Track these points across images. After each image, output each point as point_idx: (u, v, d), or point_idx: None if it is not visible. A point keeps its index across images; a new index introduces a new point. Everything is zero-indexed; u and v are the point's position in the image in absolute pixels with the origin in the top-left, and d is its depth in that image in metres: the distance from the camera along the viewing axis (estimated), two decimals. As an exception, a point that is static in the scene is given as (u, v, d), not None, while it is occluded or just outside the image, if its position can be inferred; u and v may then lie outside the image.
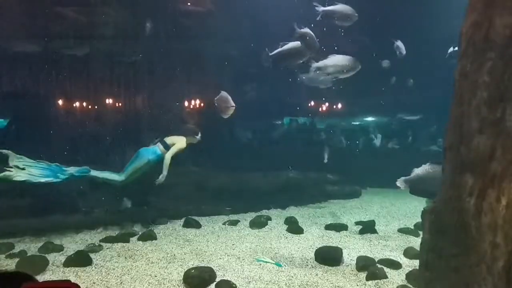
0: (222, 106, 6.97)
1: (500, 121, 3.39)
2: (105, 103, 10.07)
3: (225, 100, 6.92)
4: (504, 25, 3.31)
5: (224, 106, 6.93)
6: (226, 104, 6.91)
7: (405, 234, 6.93)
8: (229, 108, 6.93)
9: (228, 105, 6.90)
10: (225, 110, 6.97)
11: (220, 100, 7.01)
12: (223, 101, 6.96)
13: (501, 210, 3.19)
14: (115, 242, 6.35)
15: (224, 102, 6.94)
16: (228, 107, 6.91)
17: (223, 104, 6.96)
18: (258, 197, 8.78)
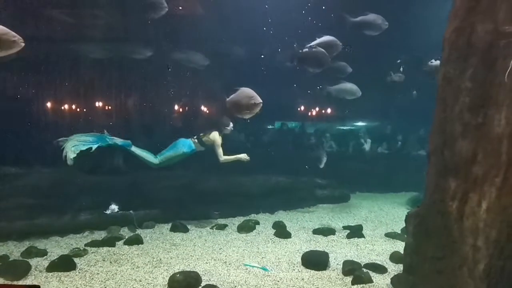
0: (246, 103, 5.77)
1: (482, 126, 3.44)
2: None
3: (249, 96, 5.76)
4: (485, 31, 3.37)
5: (250, 103, 5.74)
6: (251, 100, 5.73)
7: (392, 239, 6.96)
8: (256, 104, 5.73)
9: (254, 101, 5.73)
10: (251, 107, 5.75)
11: (242, 96, 5.84)
12: (247, 97, 5.78)
13: (482, 214, 3.23)
14: (100, 246, 6.27)
15: (248, 98, 5.77)
16: (256, 103, 5.73)
17: (247, 100, 5.77)
18: (247, 201, 8.74)
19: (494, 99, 3.31)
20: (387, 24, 7.75)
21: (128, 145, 7.56)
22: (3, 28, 4.11)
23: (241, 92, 5.87)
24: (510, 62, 3.12)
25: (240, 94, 5.88)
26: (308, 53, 7.51)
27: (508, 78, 3.16)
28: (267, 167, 9.44)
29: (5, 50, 4.15)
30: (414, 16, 9.34)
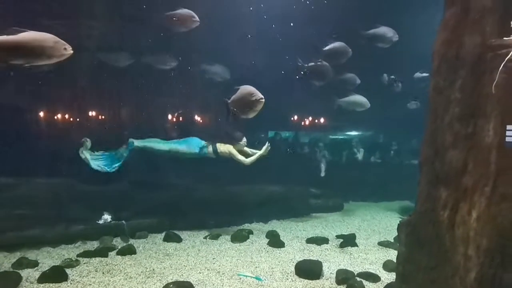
0: (248, 101, 5.43)
1: (472, 136, 3.50)
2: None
3: (250, 93, 5.45)
4: (473, 44, 3.45)
5: (252, 101, 5.40)
6: (252, 97, 5.40)
7: (385, 247, 6.99)
8: (258, 101, 5.40)
9: (256, 97, 5.39)
10: (253, 104, 5.43)
11: (243, 95, 5.54)
12: (248, 94, 5.47)
13: (472, 223, 3.27)
14: (93, 256, 6.22)
15: (249, 95, 5.46)
16: (257, 100, 5.39)
17: (248, 98, 5.44)
18: (241, 211, 8.74)
19: (482, 110, 3.37)
20: (397, 37, 8.05)
21: (131, 145, 7.62)
22: (53, 36, 4.22)
23: (241, 91, 5.59)
24: (497, 74, 3.20)
25: (240, 93, 5.60)
26: (313, 67, 7.85)
27: (495, 89, 3.23)
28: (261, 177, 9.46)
29: (55, 58, 4.25)
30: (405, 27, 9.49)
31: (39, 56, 4.16)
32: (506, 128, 3.21)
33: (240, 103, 5.60)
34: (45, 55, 4.15)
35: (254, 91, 5.41)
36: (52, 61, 4.24)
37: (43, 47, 4.10)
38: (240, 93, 5.57)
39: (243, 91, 5.53)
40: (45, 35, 4.15)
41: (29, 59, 4.17)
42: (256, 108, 5.45)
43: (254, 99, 5.40)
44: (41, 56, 4.16)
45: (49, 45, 4.12)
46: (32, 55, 4.14)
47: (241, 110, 5.65)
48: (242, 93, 5.55)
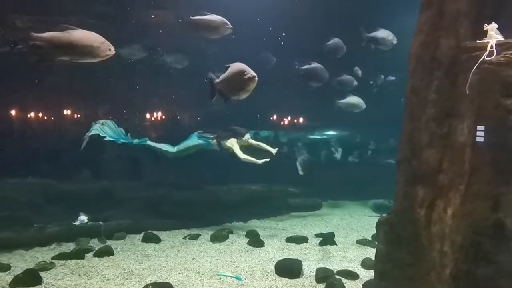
0: (239, 80, 4.81)
1: (447, 136, 3.61)
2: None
3: (242, 71, 4.83)
4: (448, 47, 3.55)
5: (243, 79, 4.76)
6: (244, 75, 4.77)
7: (363, 246, 7.10)
8: (251, 79, 4.73)
9: (248, 75, 4.74)
10: (245, 84, 4.77)
11: (235, 72, 4.91)
12: (239, 72, 4.83)
13: (448, 220, 3.37)
14: (68, 259, 6.06)
15: (240, 74, 4.83)
16: (250, 78, 4.73)
17: (240, 76, 4.81)
18: (220, 211, 8.71)
19: (457, 110, 3.48)
20: (396, 40, 8.33)
21: (144, 141, 7.86)
22: (100, 37, 4.31)
23: (231, 69, 4.99)
24: (470, 75, 3.30)
25: (231, 71, 5.00)
26: (308, 69, 8.05)
27: (469, 90, 3.34)
28: (240, 176, 9.46)
29: (99, 58, 4.34)
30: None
31: (86, 55, 4.28)
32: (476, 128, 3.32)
33: (231, 82, 5.00)
34: (92, 54, 4.27)
35: (246, 69, 4.82)
36: (96, 60, 4.34)
37: (92, 47, 4.22)
38: (230, 71, 4.97)
39: (234, 69, 4.94)
40: (94, 35, 4.27)
41: (76, 56, 4.31)
42: (249, 88, 4.83)
43: (247, 77, 4.77)
44: (88, 54, 4.27)
45: (97, 45, 4.24)
46: (80, 53, 4.26)
47: (232, 91, 5.07)
48: (232, 72, 4.95)
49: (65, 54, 4.26)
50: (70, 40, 4.15)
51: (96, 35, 4.28)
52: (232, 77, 4.96)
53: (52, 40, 4.12)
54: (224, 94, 5.10)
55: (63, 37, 4.15)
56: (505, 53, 3.24)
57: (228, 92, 5.09)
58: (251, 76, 4.76)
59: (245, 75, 4.80)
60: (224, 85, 5.08)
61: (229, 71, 5.02)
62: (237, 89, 4.95)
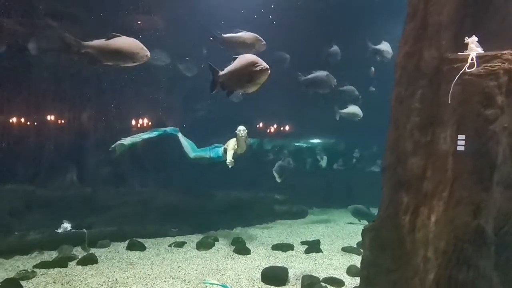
0: (250, 71, 4.44)
1: (431, 144, 3.71)
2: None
3: (253, 63, 4.47)
4: (431, 57, 3.67)
5: (254, 71, 4.43)
6: (256, 67, 4.43)
7: (348, 253, 7.16)
8: (263, 71, 4.41)
9: (261, 67, 4.42)
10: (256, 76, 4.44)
11: (245, 63, 4.55)
12: (250, 64, 4.48)
13: (431, 226, 3.45)
14: (51, 267, 5.94)
15: (250, 65, 4.47)
16: (263, 70, 4.42)
17: (250, 68, 4.45)
18: (206, 218, 8.67)
19: (440, 119, 3.59)
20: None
21: (176, 131, 7.91)
22: (139, 43, 4.67)
23: (241, 60, 4.64)
24: (452, 86, 3.41)
25: (240, 63, 4.64)
26: (314, 77, 8.28)
27: (451, 100, 3.45)
28: (225, 183, 9.46)
29: (137, 62, 4.70)
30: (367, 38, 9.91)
31: (127, 60, 4.66)
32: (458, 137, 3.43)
33: (238, 74, 4.62)
34: (132, 59, 4.65)
35: (258, 60, 4.50)
36: (134, 64, 4.71)
37: (133, 52, 4.62)
38: (239, 62, 4.61)
39: (243, 60, 4.60)
40: (135, 41, 4.66)
41: (119, 61, 4.69)
42: (259, 81, 4.51)
43: (259, 68, 4.42)
44: (129, 59, 4.65)
45: (136, 51, 4.63)
46: (123, 58, 4.64)
47: (239, 83, 4.71)
48: (241, 63, 4.59)
49: (110, 60, 4.66)
50: (115, 47, 4.57)
51: (136, 42, 4.66)
52: (241, 69, 4.59)
53: (101, 48, 4.55)
54: (227, 87, 4.79)
55: (110, 44, 4.57)
56: (485, 65, 3.37)
57: (234, 85, 4.76)
58: (263, 68, 4.45)
59: (256, 66, 4.48)
60: (229, 77, 4.72)
61: (237, 63, 4.67)
62: (246, 81, 4.60)
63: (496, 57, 3.38)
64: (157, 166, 9.55)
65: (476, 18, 3.73)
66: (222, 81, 4.76)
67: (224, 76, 4.75)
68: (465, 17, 3.70)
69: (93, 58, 4.58)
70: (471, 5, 3.71)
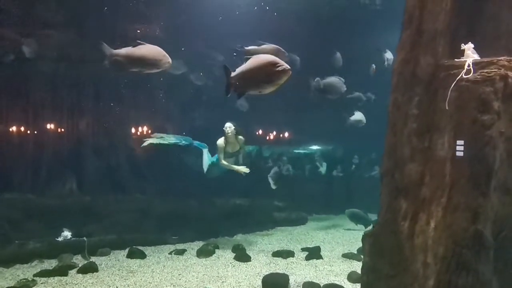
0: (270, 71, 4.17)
1: (428, 150, 3.73)
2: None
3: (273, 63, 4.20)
4: (427, 64, 3.71)
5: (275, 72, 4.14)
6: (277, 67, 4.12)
7: (349, 259, 7.16)
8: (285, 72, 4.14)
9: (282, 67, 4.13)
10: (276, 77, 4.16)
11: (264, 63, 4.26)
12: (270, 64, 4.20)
13: (430, 232, 3.47)
14: (51, 276, 5.93)
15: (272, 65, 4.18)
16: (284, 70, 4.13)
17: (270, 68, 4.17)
18: (206, 225, 8.67)
19: (437, 125, 3.62)
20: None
21: (203, 146, 7.97)
22: (162, 50, 4.88)
23: (258, 60, 4.35)
24: (449, 92, 3.45)
25: (254, 63, 4.34)
26: (327, 82, 8.43)
27: (448, 106, 3.48)
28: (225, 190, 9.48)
29: (160, 69, 4.93)
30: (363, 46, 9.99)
31: (152, 66, 4.88)
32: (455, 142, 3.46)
33: (256, 74, 4.33)
34: (156, 65, 4.87)
35: (278, 60, 4.24)
36: (157, 70, 4.95)
37: (156, 59, 4.84)
38: (256, 62, 4.33)
39: (260, 60, 4.32)
40: (158, 49, 4.88)
41: (144, 68, 4.92)
42: (280, 81, 4.24)
43: (280, 69, 4.15)
44: (154, 66, 4.88)
45: (160, 58, 4.86)
46: (148, 65, 4.88)
47: (255, 84, 4.42)
48: (258, 63, 4.30)
49: (136, 66, 4.90)
50: (141, 54, 4.82)
51: (160, 49, 4.88)
52: (257, 69, 4.31)
53: (128, 55, 4.81)
54: (239, 88, 4.53)
55: (136, 52, 4.82)
56: (481, 71, 3.41)
57: (248, 86, 4.49)
58: (286, 69, 4.18)
59: (277, 66, 4.20)
60: (241, 78, 4.45)
61: (251, 63, 4.38)
62: (263, 82, 4.33)
63: (492, 63, 3.43)
64: (156, 174, 9.58)
65: (471, 24, 3.78)
66: (233, 83, 4.49)
67: (235, 77, 4.47)
68: (460, 24, 3.76)
69: (121, 65, 4.86)
70: (466, 12, 3.77)
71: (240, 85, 4.50)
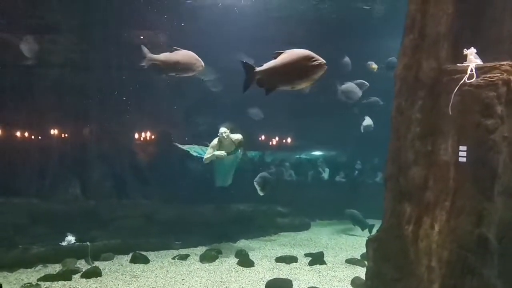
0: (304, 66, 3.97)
1: (431, 154, 3.75)
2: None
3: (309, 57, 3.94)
4: (430, 68, 3.74)
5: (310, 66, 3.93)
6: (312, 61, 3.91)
7: (352, 265, 7.13)
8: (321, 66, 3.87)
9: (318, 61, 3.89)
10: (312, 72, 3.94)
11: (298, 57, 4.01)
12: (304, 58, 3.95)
13: (434, 236, 3.47)
14: (55, 280, 5.93)
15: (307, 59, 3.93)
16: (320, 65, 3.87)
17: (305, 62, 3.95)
18: (209, 230, 8.66)
19: (440, 129, 3.64)
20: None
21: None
22: (195, 55, 5.12)
23: (290, 55, 4.09)
24: (452, 96, 3.47)
25: (287, 57, 4.08)
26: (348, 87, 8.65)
27: (452, 111, 3.50)
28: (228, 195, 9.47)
29: (193, 72, 5.19)
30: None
31: (186, 70, 5.15)
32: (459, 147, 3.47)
33: (290, 69, 4.09)
34: (190, 69, 5.14)
35: (314, 55, 3.97)
36: (191, 74, 5.22)
37: (190, 64, 5.11)
38: (289, 57, 4.07)
39: (294, 54, 4.05)
40: (192, 54, 5.14)
41: (179, 72, 5.19)
42: (315, 76, 3.99)
43: (317, 63, 3.91)
44: (188, 70, 5.14)
45: (193, 62, 5.12)
46: (183, 69, 5.14)
47: (288, 79, 4.21)
48: (293, 57, 4.05)
49: (172, 70, 5.18)
50: (176, 59, 5.09)
51: (193, 54, 5.14)
52: (291, 64, 4.04)
53: (164, 60, 5.10)
54: (266, 84, 4.27)
55: (172, 57, 5.09)
56: (484, 76, 3.44)
57: (279, 82, 4.25)
58: (322, 63, 3.91)
59: (313, 61, 3.93)
60: (271, 73, 4.19)
61: (284, 57, 4.11)
62: (297, 78, 4.11)
63: (495, 68, 3.45)
64: (160, 179, 9.58)
65: (474, 28, 3.81)
66: (260, 78, 4.19)
67: (263, 72, 4.17)
68: (463, 28, 3.79)
69: (158, 69, 5.19)
70: (469, 16, 3.81)
71: (269, 81, 4.20)
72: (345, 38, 9.94)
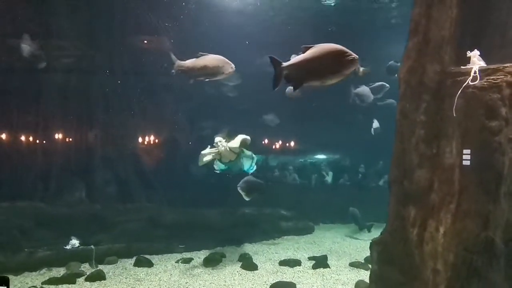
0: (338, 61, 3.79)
1: (436, 156, 3.75)
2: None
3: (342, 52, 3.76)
4: (434, 72, 3.74)
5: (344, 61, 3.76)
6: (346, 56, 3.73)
7: (356, 268, 7.11)
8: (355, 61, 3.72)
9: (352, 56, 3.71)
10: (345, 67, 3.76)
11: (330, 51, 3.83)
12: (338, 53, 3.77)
13: (440, 239, 3.46)
14: (59, 283, 5.95)
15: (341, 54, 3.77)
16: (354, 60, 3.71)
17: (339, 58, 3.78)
18: (212, 234, 8.66)
19: (445, 132, 3.64)
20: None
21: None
22: (225, 58, 5.28)
23: (320, 49, 3.91)
24: (456, 99, 3.48)
25: (318, 52, 3.90)
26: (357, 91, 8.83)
27: (456, 113, 3.50)
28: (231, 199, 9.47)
29: (224, 76, 5.35)
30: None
31: (215, 74, 5.30)
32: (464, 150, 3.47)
33: (321, 64, 3.91)
34: (219, 73, 5.28)
35: (346, 50, 3.81)
36: (222, 77, 5.39)
37: (219, 67, 5.26)
38: (319, 51, 3.89)
39: (326, 49, 3.88)
40: (220, 57, 5.29)
41: (208, 76, 5.34)
42: (347, 72, 3.85)
43: (351, 58, 3.75)
44: (217, 73, 5.29)
45: (222, 65, 5.27)
46: (211, 73, 5.30)
47: (319, 74, 4.02)
48: (324, 52, 3.88)
49: (201, 75, 5.34)
50: (204, 64, 5.25)
51: (221, 57, 5.29)
52: (322, 59, 3.88)
53: (192, 66, 5.29)
54: (294, 79, 4.09)
55: (199, 62, 5.26)
56: (487, 78, 3.44)
57: (308, 77, 4.04)
58: (356, 58, 3.77)
59: (347, 56, 3.78)
60: (299, 68, 4.02)
61: (314, 52, 3.93)
62: (329, 73, 3.93)
63: (498, 70, 3.45)
64: (165, 183, 9.61)
65: (478, 31, 3.82)
66: (287, 73, 4.02)
67: (290, 67, 4.00)
68: (467, 31, 3.80)
69: (185, 75, 5.39)
70: (473, 19, 3.82)
71: (297, 77, 4.00)
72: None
